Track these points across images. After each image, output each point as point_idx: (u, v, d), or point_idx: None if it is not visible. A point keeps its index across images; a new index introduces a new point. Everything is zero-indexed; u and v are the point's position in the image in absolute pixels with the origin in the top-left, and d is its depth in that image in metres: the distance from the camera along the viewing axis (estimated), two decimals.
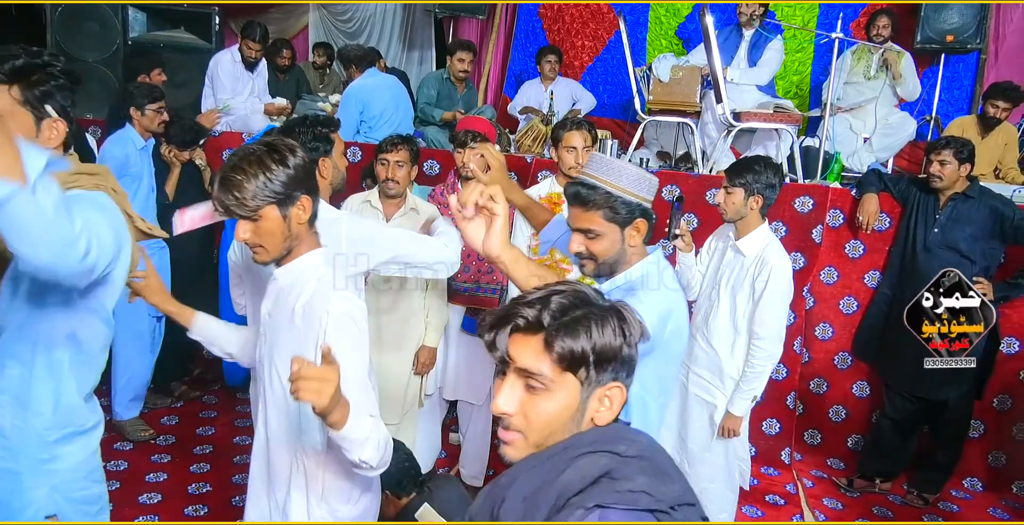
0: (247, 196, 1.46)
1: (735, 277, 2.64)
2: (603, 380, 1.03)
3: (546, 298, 1.03)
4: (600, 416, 1.04)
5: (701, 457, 2.72)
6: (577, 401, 1.02)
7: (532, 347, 1.01)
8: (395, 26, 6.81)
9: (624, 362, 1.03)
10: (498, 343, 1.04)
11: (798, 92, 5.80)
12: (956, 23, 4.92)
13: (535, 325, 1.01)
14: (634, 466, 0.96)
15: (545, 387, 1.01)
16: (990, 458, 3.63)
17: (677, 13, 6.06)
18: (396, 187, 2.86)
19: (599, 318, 1.01)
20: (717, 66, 3.83)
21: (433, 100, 4.74)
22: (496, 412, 1.04)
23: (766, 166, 2.59)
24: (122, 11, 4.67)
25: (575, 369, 1.00)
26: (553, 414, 1.02)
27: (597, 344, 1.00)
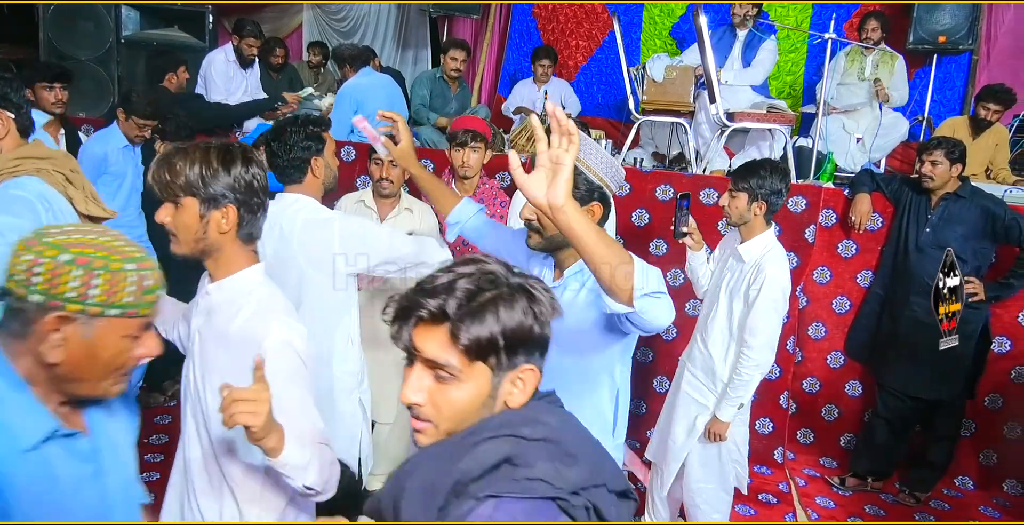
0: (175, 180, 1.41)
1: (734, 281, 2.59)
2: (515, 364, 0.99)
3: (451, 283, 0.97)
4: (513, 398, 1.01)
5: (679, 455, 2.71)
6: (488, 388, 0.99)
7: (438, 338, 0.96)
8: (389, 25, 6.81)
9: (536, 343, 1.00)
10: (402, 335, 0.99)
11: (792, 92, 5.82)
12: (948, 24, 4.95)
13: (439, 315, 0.96)
14: (537, 450, 0.93)
15: (454, 377, 0.97)
16: (981, 457, 3.65)
17: (671, 13, 6.08)
18: (390, 187, 2.86)
19: (507, 301, 0.96)
20: (711, 66, 3.84)
21: (427, 100, 4.74)
22: (404, 402, 1.00)
23: (772, 171, 2.52)
24: (115, 9, 4.65)
25: (485, 357, 0.97)
26: (464, 402, 0.98)
27: (506, 330, 0.95)
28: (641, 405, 3.91)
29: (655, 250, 3.76)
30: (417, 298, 0.97)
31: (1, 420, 1.02)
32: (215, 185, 1.43)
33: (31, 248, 1.02)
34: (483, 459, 0.92)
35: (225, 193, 1.44)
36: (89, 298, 1.02)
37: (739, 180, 2.53)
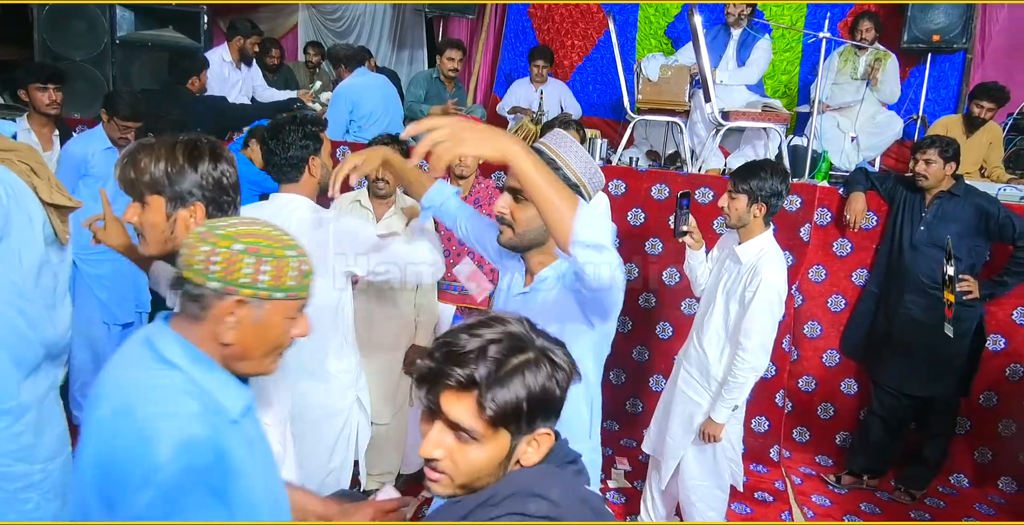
0: (140, 177, 1.38)
1: (730, 283, 2.59)
2: (533, 428, 1.04)
3: (482, 349, 1.00)
4: (527, 458, 1.06)
5: (676, 453, 2.72)
6: (507, 450, 1.03)
7: (464, 405, 1.00)
8: (385, 25, 6.81)
9: (555, 408, 1.05)
10: (428, 398, 1.03)
11: (787, 91, 5.83)
12: (942, 23, 4.96)
13: (468, 384, 0.99)
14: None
15: (476, 441, 1.01)
16: (976, 454, 3.66)
17: (666, 13, 6.08)
18: (386, 187, 2.86)
19: (533, 368, 1.01)
20: (705, 65, 3.84)
21: (421, 99, 4.75)
22: (424, 456, 1.04)
23: (773, 172, 2.49)
24: (110, 10, 4.63)
25: (507, 425, 1.01)
26: (482, 462, 1.03)
27: (531, 397, 1.00)
28: (637, 404, 3.92)
29: (651, 249, 3.77)
30: (447, 365, 1.00)
31: (208, 396, 1.12)
32: (181, 183, 1.39)
33: (206, 240, 1.11)
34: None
35: (192, 191, 1.40)
36: (260, 283, 1.12)
37: (739, 181, 2.50)
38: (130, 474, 1.02)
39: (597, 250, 1.39)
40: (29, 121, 3.57)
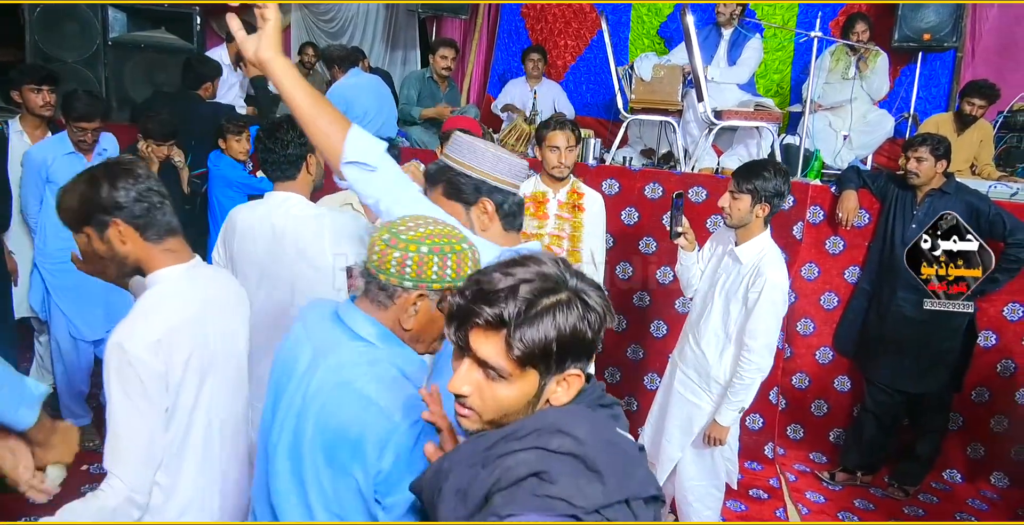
0: (66, 215, 1.48)
1: (730, 283, 2.57)
2: (563, 368, 1.02)
3: (514, 288, 0.99)
4: (556, 397, 1.05)
5: (673, 455, 2.72)
6: (535, 389, 1.02)
7: (493, 344, 0.99)
8: (378, 26, 6.80)
9: (587, 349, 1.03)
10: (457, 335, 1.03)
11: (779, 91, 5.85)
12: (933, 22, 5.00)
13: (497, 323, 0.98)
14: (563, 466, 0.95)
15: (504, 379, 1.01)
16: (969, 450, 3.68)
17: (659, 12, 6.10)
18: None
19: (564, 309, 0.99)
20: (698, 65, 3.86)
21: (414, 99, 4.76)
22: (452, 391, 1.04)
23: (776, 172, 2.47)
24: (102, 11, 4.63)
25: (536, 364, 1.00)
26: (510, 400, 1.02)
27: (561, 338, 0.98)
28: (632, 402, 3.93)
29: (645, 248, 3.78)
30: (476, 303, 0.99)
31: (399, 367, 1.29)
32: (95, 210, 1.45)
33: (396, 246, 1.27)
34: (512, 473, 0.96)
35: (107, 211, 1.45)
36: (445, 277, 1.28)
37: (742, 181, 2.46)
38: (368, 439, 1.19)
39: (367, 170, 1.47)
40: (22, 122, 3.55)
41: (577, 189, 3.03)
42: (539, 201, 2.98)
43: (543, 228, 2.98)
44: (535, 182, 3.05)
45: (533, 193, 3.00)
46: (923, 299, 3.32)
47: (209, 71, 4.20)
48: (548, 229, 2.99)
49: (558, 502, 0.92)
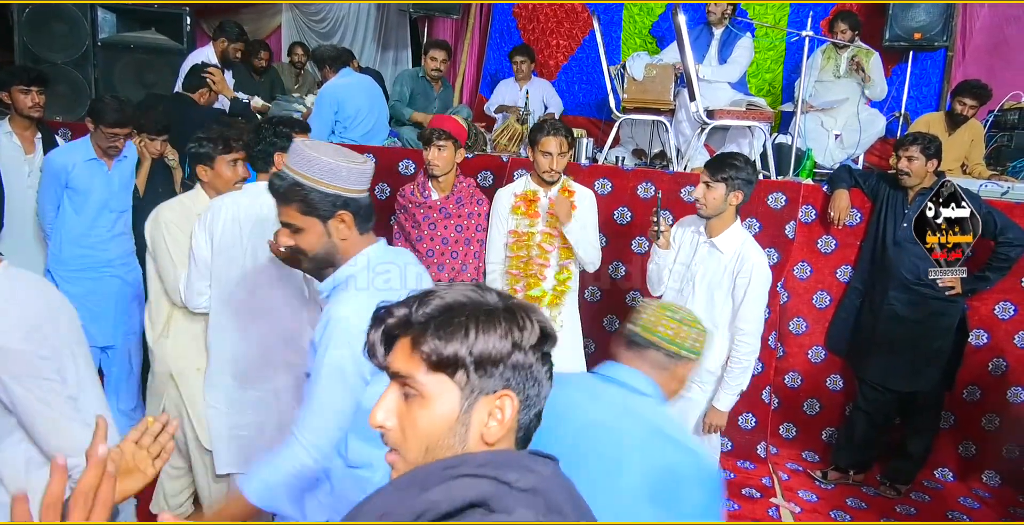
0: None
1: (712, 274, 2.63)
2: (488, 387, 0.90)
3: (425, 296, 0.93)
4: (489, 431, 0.91)
5: None
6: (457, 410, 0.90)
7: (402, 348, 0.92)
8: (369, 26, 6.79)
9: (517, 368, 0.91)
10: (370, 343, 0.95)
11: (770, 90, 5.86)
12: (923, 21, 5.02)
13: (403, 324, 0.92)
14: (520, 499, 0.80)
15: (419, 393, 0.91)
16: (960, 449, 3.69)
17: (650, 12, 6.10)
18: None
19: (482, 317, 0.90)
20: (690, 64, 3.86)
21: (406, 98, 4.75)
22: (373, 425, 0.94)
23: (745, 162, 2.61)
24: (91, 12, 4.60)
25: (450, 372, 0.90)
26: (429, 424, 0.90)
27: (476, 345, 0.89)
28: None
29: (637, 247, 3.78)
30: (390, 306, 0.95)
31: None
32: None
33: (689, 325, 1.59)
34: (456, 495, 0.80)
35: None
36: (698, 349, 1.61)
37: (716, 171, 2.57)
38: (685, 477, 1.37)
39: None
40: (11, 124, 3.53)
41: (568, 187, 3.04)
42: (530, 200, 2.98)
43: (535, 226, 2.98)
44: (526, 181, 3.05)
45: (524, 192, 3.00)
46: (915, 298, 3.33)
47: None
48: (539, 227, 2.98)
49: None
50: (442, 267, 3.03)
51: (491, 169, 3.88)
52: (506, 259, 3.03)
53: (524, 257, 2.98)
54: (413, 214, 3.05)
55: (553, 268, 3.01)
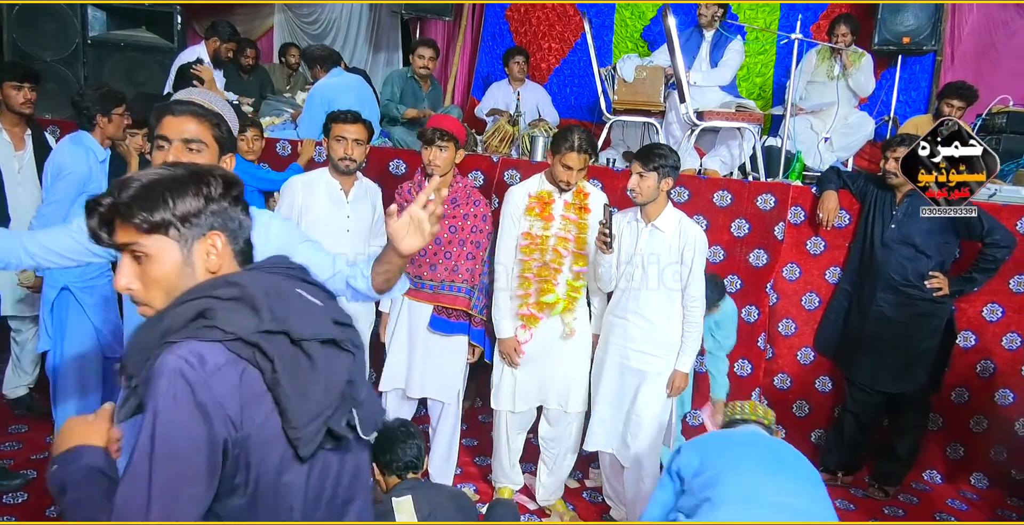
0: None
1: (661, 253, 2.85)
2: (197, 234, 1.18)
3: (125, 181, 1.17)
4: (210, 262, 1.19)
5: (645, 432, 2.91)
6: (180, 257, 1.17)
7: (121, 226, 1.16)
8: (361, 28, 6.79)
9: (216, 214, 1.20)
10: (98, 233, 1.17)
11: (761, 94, 5.88)
12: (912, 25, 5.05)
13: (113, 208, 1.14)
14: (227, 306, 1.11)
15: (145, 254, 1.16)
16: (949, 450, 3.70)
17: (642, 16, 6.13)
18: (351, 165, 3.02)
19: (175, 186, 1.16)
20: (680, 66, 3.87)
21: (396, 97, 4.74)
22: (119, 289, 1.18)
23: (670, 150, 2.86)
24: (81, 10, 4.59)
25: (164, 232, 1.15)
26: (162, 274, 1.17)
27: (176, 208, 1.15)
28: None
29: None
30: (97, 197, 1.16)
31: None
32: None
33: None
34: (181, 315, 1.10)
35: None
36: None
37: (647, 161, 2.80)
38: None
39: None
40: (1, 120, 3.52)
41: (583, 189, 3.04)
42: (544, 202, 2.96)
43: (548, 229, 2.96)
44: (540, 181, 3.03)
45: (539, 193, 2.97)
46: (902, 299, 3.34)
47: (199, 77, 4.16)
48: (553, 230, 2.97)
49: (212, 330, 1.08)
50: (434, 267, 3.01)
51: (481, 169, 3.87)
52: (518, 261, 3.00)
53: (539, 261, 2.96)
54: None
55: (566, 274, 3.00)
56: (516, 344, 3.01)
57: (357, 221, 3.02)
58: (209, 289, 1.13)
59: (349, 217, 3.00)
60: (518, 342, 3.01)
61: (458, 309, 3.04)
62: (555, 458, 3.20)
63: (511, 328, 3.01)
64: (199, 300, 1.11)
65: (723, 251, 3.68)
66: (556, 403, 3.11)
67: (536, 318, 2.98)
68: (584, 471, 3.54)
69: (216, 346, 1.08)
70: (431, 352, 3.07)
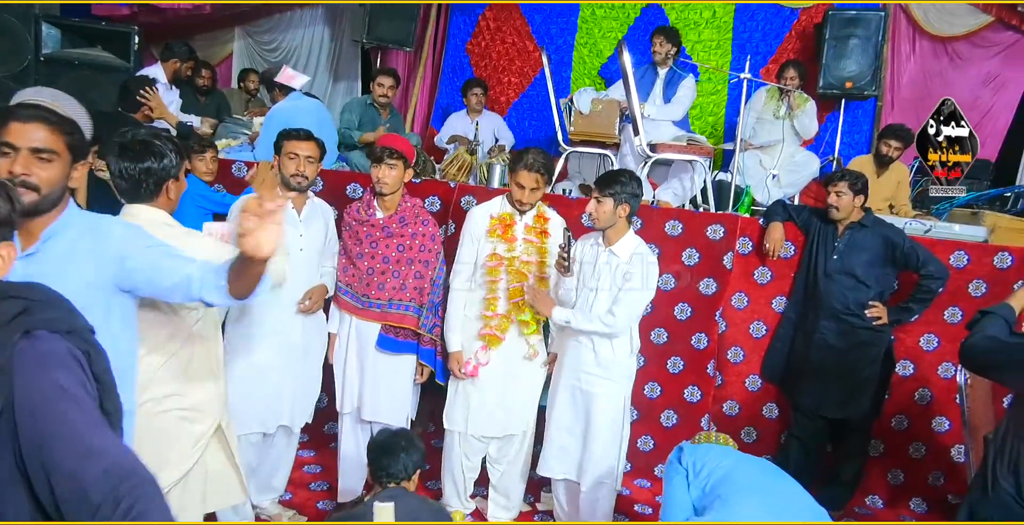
0: None
1: (612, 277, 2.86)
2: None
3: None
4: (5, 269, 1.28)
5: (602, 455, 2.93)
6: None
7: None
8: (322, 57, 6.84)
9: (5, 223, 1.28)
10: None
11: (713, 131, 6.09)
12: (854, 71, 5.32)
13: None
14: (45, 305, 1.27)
15: None
16: (889, 476, 3.79)
17: (600, 54, 6.33)
18: (304, 182, 2.95)
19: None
20: (634, 100, 3.99)
21: (354, 124, 4.77)
22: None
23: (631, 178, 2.86)
24: (35, 26, 4.54)
25: None
26: None
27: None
28: None
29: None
30: None
31: None
32: None
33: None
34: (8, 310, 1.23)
35: None
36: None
37: (604, 187, 2.83)
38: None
39: None
40: None
41: (543, 214, 3.09)
42: (507, 224, 3.00)
43: (513, 251, 3.00)
44: (501, 203, 3.07)
45: (500, 215, 3.02)
46: (844, 327, 3.44)
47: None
48: (517, 252, 3.01)
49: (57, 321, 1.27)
50: (382, 286, 3.01)
51: (438, 194, 3.90)
52: (485, 283, 3.02)
53: (508, 281, 2.99)
54: (356, 232, 3.04)
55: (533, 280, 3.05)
56: (461, 358, 3.03)
57: (309, 240, 2.97)
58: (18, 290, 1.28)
59: (302, 236, 2.94)
60: (478, 363, 3.02)
61: (406, 327, 3.04)
62: (505, 481, 3.18)
63: (459, 343, 3.03)
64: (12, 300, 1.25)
65: (674, 279, 3.76)
66: (505, 428, 3.11)
67: (498, 339, 3.00)
68: (536, 495, 3.52)
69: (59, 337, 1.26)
70: (380, 372, 3.05)
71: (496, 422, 3.08)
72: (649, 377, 3.82)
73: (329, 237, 3.11)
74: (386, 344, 3.02)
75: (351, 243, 3.06)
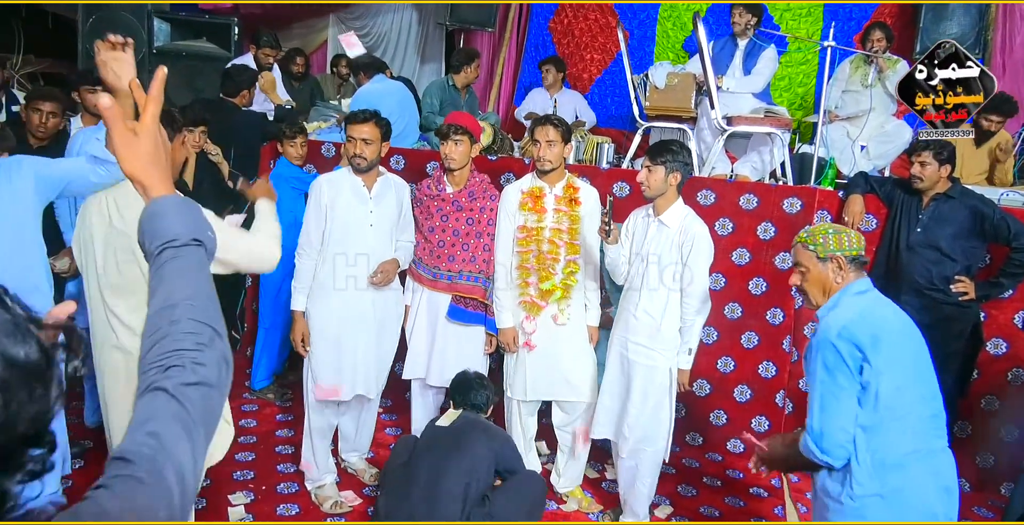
0: None
1: (662, 247, 2.89)
2: None
3: None
4: None
5: (639, 422, 2.96)
6: None
7: None
8: (410, 41, 7.05)
9: None
10: None
11: (802, 104, 5.89)
12: (955, 33, 5.01)
13: None
14: None
15: None
16: (978, 459, 3.64)
17: (683, 27, 6.22)
18: (364, 162, 2.99)
19: None
20: (709, 73, 3.95)
21: (436, 108, 4.92)
22: None
23: (681, 147, 2.90)
24: (148, 21, 4.94)
25: None
26: None
27: None
28: None
29: None
30: None
31: None
32: None
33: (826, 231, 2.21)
34: None
35: None
36: (845, 247, 2.18)
37: (656, 156, 2.86)
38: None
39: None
40: (82, 120, 3.94)
41: (572, 183, 3.14)
42: (536, 196, 3.08)
43: (542, 221, 3.08)
44: (532, 178, 3.15)
45: (530, 189, 3.10)
46: (927, 302, 3.33)
47: (245, 80, 4.42)
48: (547, 222, 3.08)
49: None
50: (452, 258, 3.15)
51: (513, 171, 4.01)
52: (516, 254, 3.12)
53: (535, 251, 3.08)
54: (428, 206, 3.19)
55: (561, 262, 3.11)
56: (515, 334, 3.13)
57: (380, 216, 3.06)
58: None
59: (372, 212, 3.04)
60: (525, 332, 3.13)
61: (474, 298, 3.17)
62: (570, 445, 3.28)
63: (510, 319, 3.14)
64: None
65: (749, 254, 3.72)
66: (564, 393, 3.20)
67: (538, 306, 3.09)
68: (604, 462, 3.61)
69: None
70: (450, 341, 3.20)
71: (549, 384, 3.18)
72: (723, 351, 3.82)
73: (404, 212, 3.23)
74: (456, 314, 3.17)
75: (422, 218, 3.21)
